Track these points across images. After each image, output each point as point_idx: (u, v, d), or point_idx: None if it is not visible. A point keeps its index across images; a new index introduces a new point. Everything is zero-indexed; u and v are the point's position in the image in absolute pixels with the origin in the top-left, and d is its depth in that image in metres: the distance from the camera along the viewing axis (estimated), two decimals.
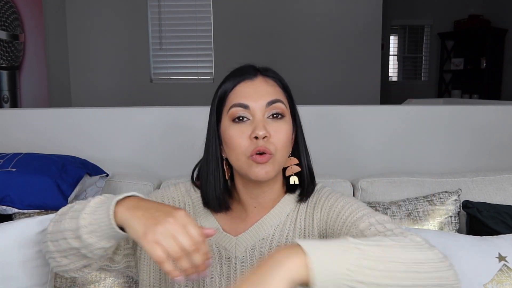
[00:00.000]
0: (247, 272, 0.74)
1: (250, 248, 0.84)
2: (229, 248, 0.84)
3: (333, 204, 0.84)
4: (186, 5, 3.91)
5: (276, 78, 0.85)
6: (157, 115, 1.60)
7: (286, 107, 0.83)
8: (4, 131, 1.58)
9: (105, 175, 1.40)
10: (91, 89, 3.86)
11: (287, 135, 0.81)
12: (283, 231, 0.85)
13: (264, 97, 0.80)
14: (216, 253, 0.85)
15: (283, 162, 0.82)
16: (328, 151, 1.60)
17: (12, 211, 1.21)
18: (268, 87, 0.82)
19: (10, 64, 2.78)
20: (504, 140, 1.62)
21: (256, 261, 0.83)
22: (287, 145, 0.82)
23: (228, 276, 0.83)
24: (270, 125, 0.79)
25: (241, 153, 0.79)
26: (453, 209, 1.28)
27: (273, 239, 0.84)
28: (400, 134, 1.60)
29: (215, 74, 3.94)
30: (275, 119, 0.80)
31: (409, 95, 4.77)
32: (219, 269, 0.84)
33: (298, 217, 0.86)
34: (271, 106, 0.80)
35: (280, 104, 0.81)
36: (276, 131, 0.79)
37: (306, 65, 3.97)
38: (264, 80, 0.83)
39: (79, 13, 3.77)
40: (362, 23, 3.93)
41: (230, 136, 0.80)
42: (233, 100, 0.81)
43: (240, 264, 0.83)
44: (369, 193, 1.41)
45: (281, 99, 0.82)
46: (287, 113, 0.83)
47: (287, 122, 0.82)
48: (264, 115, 0.80)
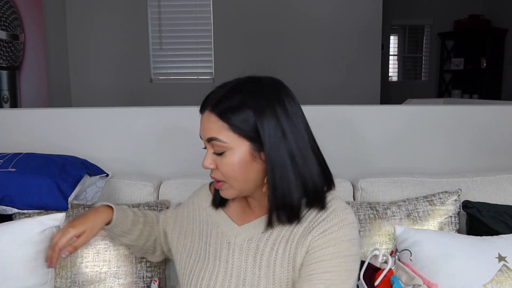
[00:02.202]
0: (243, 259, 0.88)
1: (248, 238, 0.91)
2: (230, 235, 0.93)
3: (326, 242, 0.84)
4: (186, 5, 3.91)
5: (221, 113, 0.83)
6: (157, 115, 1.60)
7: (226, 142, 0.83)
8: (4, 131, 1.57)
9: (105, 175, 1.40)
10: (91, 89, 3.86)
11: (231, 167, 0.84)
12: (281, 232, 0.88)
13: (205, 133, 0.86)
14: (219, 238, 0.94)
15: (244, 184, 0.86)
16: (328, 151, 1.59)
17: (12, 211, 1.21)
18: (208, 124, 0.85)
19: (10, 64, 2.78)
20: (504, 140, 1.62)
21: (252, 251, 0.89)
22: (240, 173, 0.85)
23: (227, 260, 0.91)
24: (216, 157, 0.86)
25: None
26: (453, 209, 1.28)
27: (270, 236, 0.89)
28: (400, 134, 1.60)
29: (215, 74, 3.94)
30: (218, 155, 0.85)
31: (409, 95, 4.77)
32: (219, 252, 0.92)
33: (299, 224, 0.88)
34: (210, 143, 0.86)
35: (216, 142, 0.84)
36: (219, 164, 0.86)
37: (306, 65, 3.97)
38: (207, 116, 0.85)
39: (79, 13, 3.77)
40: (362, 23, 3.93)
41: None
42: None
43: (238, 251, 0.90)
44: (369, 193, 1.41)
45: (218, 136, 0.83)
46: (230, 146, 0.83)
47: (231, 155, 0.84)
48: (211, 148, 0.87)
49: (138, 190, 1.41)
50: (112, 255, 1.21)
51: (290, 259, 0.86)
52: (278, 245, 0.87)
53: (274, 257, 0.87)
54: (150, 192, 1.42)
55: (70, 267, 1.19)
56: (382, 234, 1.25)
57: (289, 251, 0.86)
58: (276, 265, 0.86)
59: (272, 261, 0.87)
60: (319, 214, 0.87)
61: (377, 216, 1.27)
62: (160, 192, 1.44)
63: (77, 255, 1.20)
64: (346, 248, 0.83)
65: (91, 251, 1.21)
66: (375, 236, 1.24)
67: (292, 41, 3.95)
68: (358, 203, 1.32)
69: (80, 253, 1.20)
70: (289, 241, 0.87)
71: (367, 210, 1.28)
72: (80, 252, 1.20)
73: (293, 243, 0.86)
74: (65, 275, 1.19)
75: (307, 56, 3.97)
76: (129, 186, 1.42)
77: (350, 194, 1.43)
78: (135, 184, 1.42)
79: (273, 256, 0.87)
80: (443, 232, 1.21)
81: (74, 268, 1.19)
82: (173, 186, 1.43)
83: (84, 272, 1.19)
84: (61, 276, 1.18)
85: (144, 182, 1.43)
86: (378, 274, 1.05)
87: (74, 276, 1.19)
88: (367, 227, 1.25)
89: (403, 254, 1.14)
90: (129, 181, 1.43)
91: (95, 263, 1.20)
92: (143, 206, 1.30)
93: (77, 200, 1.31)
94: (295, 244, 0.86)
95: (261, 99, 0.83)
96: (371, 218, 1.26)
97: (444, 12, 5.67)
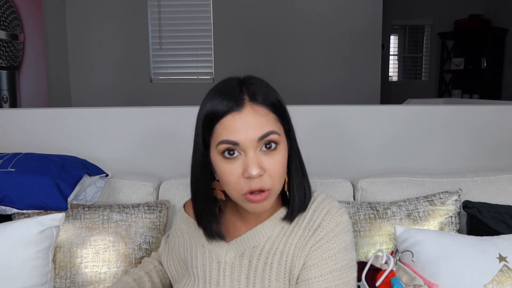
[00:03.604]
0: (235, 278, 0.79)
1: (239, 254, 0.84)
2: (220, 253, 0.85)
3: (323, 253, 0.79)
4: (186, 5, 3.90)
5: (266, 102, 0.75)
6: (157, 115, 1.60)
7: (280, 132, 0.76)
8: (3, 131, 1.57)
9: (105, 175, 1.40)
10: (91, 89, 3.85)
11: (282, 165, 0.75)
12: (274, 243, 0.83)
13: (255, 131, 0.72)
14: (207, 258, 0.86)
15: (280, 188, 0.78)
16: (328, 151, 1.60)
17: (12, 211, 1.21)
18: (258, 118, 0.73)
19: (9, 64, 2.78)
20: (504, 140, 1.62)
21: (245, 268, 0.82)
22: (283, 172, 0.77)
23: (217, 282, 0.84)
24: (264, 159, 0.74)
25: (234, 190, 0.75)
26: (453, 209, 1.28)
27: (263, 249, 0.83)
28: (400, 134, 1.60)
29: (215, 74, 3.94)
30: (269, 150, 0.74)
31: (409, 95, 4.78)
32: (209, 274, 0.85)
33: (294, 232, 0.83)
34: (263, 140, 0.73)
35: (272, 136, 0.73)
36: (271, 165, 0.74)
37: (306, 65, 3.97)
38: (253, 109, 0.73)
39: (79, 13, 3.77)
40: (362, 23, 3.93)
41: (222, 172, 0.75)
42: (222, 135, 0.73)
43: (229, 270, 0.83)
44: (369, 193, 1.41)
45: (274, 128, 0.74)
46: (281, 139, 0.76)
47: (281, 150, 0.75)
48: (256, 150, 0.73)
49: (138, 190, 1.41)
50: (112, 256, 1.21)
51: (286, 272, 0.80)
52: (272, 258, 0.81)
53: (269, 272, 0.80)
54: (150, 192, 1.42)
55: (70, 267, 1.19)
56: (382, 234, 1.24)
57: (285, 264, 0.80)
58: (271, 280, 0.80)
59: (266, 276, 0.80)
60: (313, 218, 0.82)
61: (377, 216, 1.26)
62: (160, 192, 1.43)
63: (76, 255, 1.20)
64: (342, 258, 0.80)
65: (90, 251, 1.20)
66: (375, 236, 1.24)
67: (292, 41, 3.95)
68: (358, 203, 1.31)
69: (79, 253, 1.20)
70: (284, 253, 0.81)
71: (367, 210, 1.28)
72: (79, 252, 1.20)
73: (289, 255, 0.81)
74: (64, 275, 1.18)
75: (307, 56, 3.96)
76: (129, 186, 1.42)
77: (350, 194, 1.43)
78: (135, 184, 1.42)
79: (267, 271, 0.80)
80: (443, 232, 1.21)
81: (74, 269, 1.19)
82: (173, 186, 1.43)
83: (84, 273, 1.19)
84: (60, 277, 1.18)
85: (144, 182, 1.43)
86: (379, 275, 1.05)
87: (74, 276, 1.19)
88: (367, 227, 1.25)
89: (405, 255, 1.14)
90: (129, 181, 1.43)
91: (94, 263, 1.20)
92: (143, 206, 1.30)
93: (77, 200, 1.31)
94: (291, 256, 0.80)
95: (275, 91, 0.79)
96: (371, 218, 1.26)
97: (444, 12, 5.67)
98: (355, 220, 1.26)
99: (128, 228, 1.24)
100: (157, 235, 1.27)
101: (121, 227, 1.24)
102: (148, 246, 1.24)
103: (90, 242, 1.21)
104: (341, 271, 0.79)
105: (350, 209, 1.29)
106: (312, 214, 0.83)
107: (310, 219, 0.82)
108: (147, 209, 1.29)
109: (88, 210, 1.26)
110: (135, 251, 1.22)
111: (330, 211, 0.82)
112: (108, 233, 1.23)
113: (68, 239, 1.21)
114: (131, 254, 1.22)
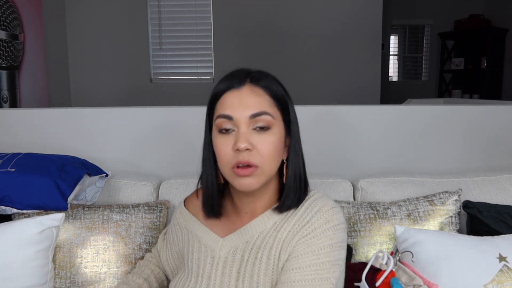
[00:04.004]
0: (226, 272, 0.81)
1: (233, 250, 0.86)
2: (214, 248, 0.88)
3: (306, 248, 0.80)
4: (186, 5, 3.90)
5: (267, 86, 0.81)
6: (156, 115, 1.60)
7: (274, 117, 0.80)
8: (3, 131, 1.57)
9: (105, 175, 1.40)
10: (91, 89, 3.85)
11: (273, 146, 0.79)
12: (264, 238, 0.84)
13: (249, 108, 0.79)
14: (202, 252, 0.89)
15: (271, 172, 0.82)
16: (328, 151, 1.60)
17: (12, 211, 1.21)
18: (254, 98, 0.80)
19: (9, 64, 2.78)
20: (504, 140, 1.62)
21: (237, 263, 0.84)
22: (275, 155, 0.81)
23: (209, 276, 0.86)
24: (255, 137, 0.79)
25: (225, 164, 0.80)
26: (453, 209, 1.28)
27: (254, 244, 0.84)
28: (400, 134, 1.60)
29: (215, 74, 3.94)
30: (261, 131, 0.79)
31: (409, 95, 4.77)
32: (202, 268, 0.87)
33: (283, 228, 0.84)
34: (255, 118, 0.79)
35: (265, 117, 0.79)
36: (260, 143, 0.79)
37: (306, 65, 3.97)
38: (250, 89, 0.80)
39: (79, 12, 3.77)
40: (362, 23, 3.93)
41: (216, 146, 0.82)
42: (219, 110, 0.81)
43: (222, 265, 0.85)
44: (369, 193, 1.41)
45: (267, 110, 0.80)
46: (276, 123, 0.81)
47: (274, 133, 0.80)
48: (248, 127, 0.79)
49: (138, 190, 1.41)
50: (112, 255, 1.21)
51: (274, 266, 0.82)
52: (262, 253, 0.83)
53: (258, 267, 0.82)
54: (150, 192, 1.42)
55: (70, 267, 1.19)
56: (382, 234, 1.24)
57: (274, 258, 0.82)
58: (260, 275, 0.82)
59: (256, 271, 0.82)
60: (304, 215, 0.83)
61: (377, 216, 1.26)
62: (160, 192, 1.44)
63: (76, 255, 1.20)
64: (326, 254, 0.80)
65: (90, 251, 1.20)
66: (375, 236, 1.24)
67: (292, 41, 3.95)
68: (358, 203, 1.31)
69: (79, 253, 1.20)
70: (273, 247, 0.83)
71: (367, 210, 1.28)
72: (79, 252, 1.20)
73: (277, 249, 0.82)
74: (64, 275, 1.18)
75: (307, 56, 3.96)
76: (129, 186, 1.42)
77: (350, 194, 1.43)
78: (135, 184, 1.42)
79: (256, 266, 0.82)
80: (443, 232, 1.21)
81: (74, 269, 1.19)
82: (173, 186, 1.43)
83: (84, 273, 1.19)
84: (60, 277, 1.18)
85: (144, 182, 1.43)
86: (379, 275, 1.05)
87: (74, 276, 1.18)
88: (367, 227, 1.25)
89: (405, 256, 1.14)
90: (129, 181, 1.43)
91: (94, 263, 1.20)
92: (143, 206, 1.30)
93: (77, 200, 1.31)
94: (279, 250, 0.82)
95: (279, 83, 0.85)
96: (371, 218, 1.26)
97: (444, 12, 5.67)
98: (355, 220, 1.26)
99: (128, 228, 1.24)
100: (157, 235, 1.27)
101: (121, 227, 1.24)
102: (148, 246, 1.24)
103: (90, 242, 1.21)
104: (321, 266, 0.79)
105: (350, 209, 1.29)
106: (304, 211, 0.84)
107: (301, 215, 0.84)
108: (147, 209, 1.29)
109: (88, 210, 1.26)
110: (135, 251, 1.22)
111: (322, 208, 0.83)
112: (108, 233, 1.23)
113: (68, 239, 1.21)
114: (131, 254, 1.22)
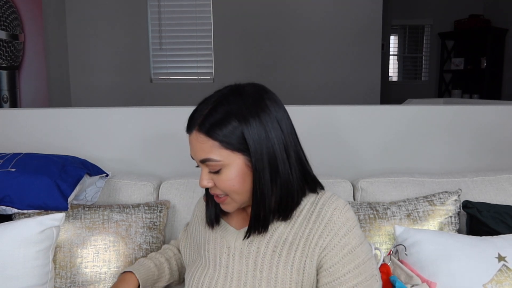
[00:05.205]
0: (243, 262, 0.88)
1: (248, 241, 0.90)
2: (230, 239, 0.93)
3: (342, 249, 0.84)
4: (186, 5, 3.90)
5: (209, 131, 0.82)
6: (157, 115, 1.60)
7: (220, 159, 0.82)
8: (3, 131, 1.57)
9: (105, 175, 1.40)
10: (91, 89, 3.85)
11: (230, 182, 0.83)
12: (282, 234, 0.88)
13: (197, 155, 0.85)
14: (218, 243, 0.94)
15: (243, 199, 0.86)
16: (328, 151, 1.60)
17: (12, 211, 1.21)
18: (198, 145, 0.83)
19: (9, 64, 2.78)
20: (504, 140, 1.62)
21: (253, 254, 0.88)
22: (239, 186, 0.84)
23: (227, 265, 0.91)
24: (213, 176, 0.85)
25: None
26: (453, 209, 1.28)
27: (271, 238, 0.88)
28: (400, 134, 1.60)
29: (215, 74, 3.94)
30: (215, 172, 0.84)
31: (409, 95, 4.77)
32: (219, 258, 0.92)
33: (303, 225, 0.87)
34: (204, 163, 0.84)
35: (209, 163, 0.83)
36: (218, 182, 0.84)
37: (306, 65, 3.97)
38: (196, 136, 0.83)
39: (79, 13, 3.77)
40: (362, 23, 3.93)
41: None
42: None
43: (238, 255, 0.90)
44: (369, 193, 1.41)
45: (210, 156, 0.82)
46: (225, 162, 0.82)
47: (227, 171, 0.83)
48: (206, 168, 0.85)
49: (138, 190, 1.41)
50: (112, 255, 1.21)
51: (295, 262, 0.85)
52: (281, 247, 0.86)
53: (277, 260, 0.86)
54: (150, 192, 1.42)
55: (70, 267, 1.19)
56: (382, 234, 1.25)
57: (294, 254, 0.85)
58: (279, 268, 0.85)
59: (274, 263, 0.86)
60: (322, 214, 0.86)
61: (377, 216, 1.27)
62: (160, 192, 1.44)
63: (76, 255, 1.20)
64: (361, 251, 0.85)
65: (91, 251, 1.21)
66: (375, 236, 1.24)
67: (292, 41, 3.95)
68: (358, 203, 1.32)
69: (80, 253, 1.20)
70: (293, 244, 0.86)
71: (367, 210, 1.28)
72: (80, 252, 1.20)
73: (299, 247, 0.85)
74: (64, 275, 1.19)
75: (307, 56, 3.97)
76: (129, 186, 1.42)
77: (350, 194, 1.43)
78: (135, 184, 1.42)
79: (275, 259, 0.86)
80: (443, 232, 1.21)
81: (74, 268, 1.19)
82: (173, 186, 1.43)
83: (84, 272, 1.19)
84: (60, 276, 1.18)
85: (144, 182, 1.43)
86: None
87: (74, 276, 1.19)
88: (367, 227, 1.25)
89: (399, 250, 1.14)
90: (129, 181, 1.43)
91: (95, 263, 1.20)
92: (143, 206, 1.30)
93: (77, 200, 1.31)
94: (301, 248, 0.85)
95: (245, 108, 0.82)
96: (371, 218, 1.26)
97: (444, 12, 5.67)
98: None
99: (128, 228, 1.24)
100: (157, 235, 1.28)
101: (121, 227, 1.24)
102: (148, 246, 1.24)
103: (90, 242, 1.21)
104: (364, 264, 0.84)
105: None
106: (320, 209, 0.87)
107: (318, 214, 0.87)
108: (147, 209, 1.29)
109: (88, 210, 1.27)
110: (135, 251, 1.22)
111: (338, 207, 0.87)
112: (108, 233, 1.23)
113: (68, 239, 1.21)
114: (131, 254, 1.22)
